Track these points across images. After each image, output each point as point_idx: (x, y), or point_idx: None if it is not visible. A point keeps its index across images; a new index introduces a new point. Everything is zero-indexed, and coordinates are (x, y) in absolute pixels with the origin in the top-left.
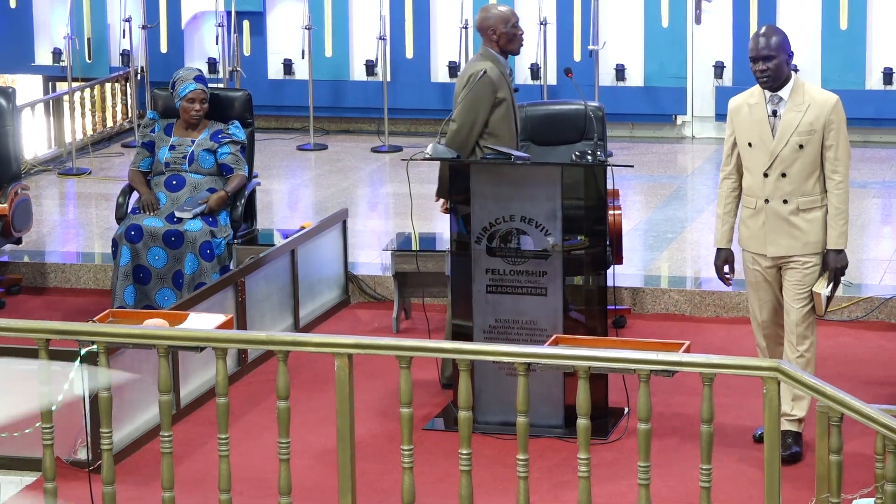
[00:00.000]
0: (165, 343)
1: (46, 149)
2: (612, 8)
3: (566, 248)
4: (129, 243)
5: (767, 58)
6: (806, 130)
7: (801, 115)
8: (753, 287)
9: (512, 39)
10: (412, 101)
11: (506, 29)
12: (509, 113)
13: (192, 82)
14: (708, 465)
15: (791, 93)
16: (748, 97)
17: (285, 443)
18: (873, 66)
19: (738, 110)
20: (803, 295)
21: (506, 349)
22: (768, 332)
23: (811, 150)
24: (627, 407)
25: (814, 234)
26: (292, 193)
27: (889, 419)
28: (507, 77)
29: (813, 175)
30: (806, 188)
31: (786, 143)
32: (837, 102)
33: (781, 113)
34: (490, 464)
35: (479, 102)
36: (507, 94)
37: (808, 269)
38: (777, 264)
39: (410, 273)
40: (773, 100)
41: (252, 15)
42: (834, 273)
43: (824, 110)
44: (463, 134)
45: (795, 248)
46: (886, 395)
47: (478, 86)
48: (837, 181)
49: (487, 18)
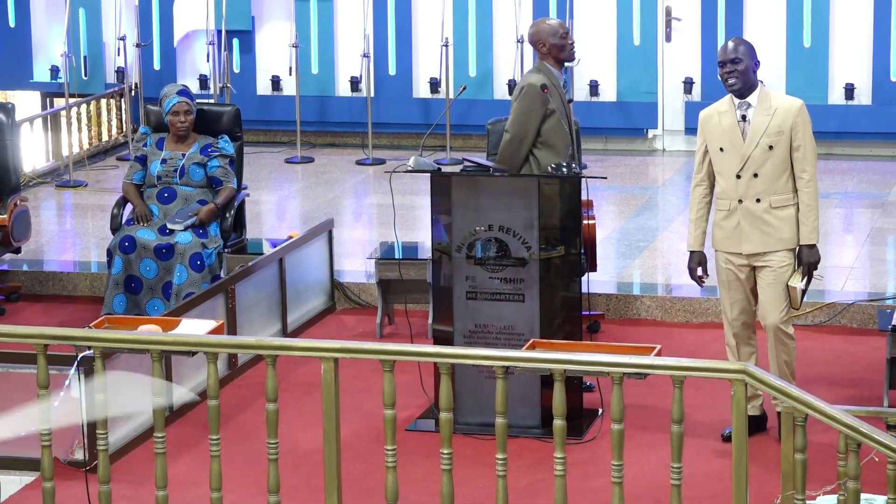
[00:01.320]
0: (159, 348)
1: (44, 162)
2: (586, 27)
3: (543, 256)
4: (123, 253)
5: (735, 60)
6: (775, 132)
7: (770, 119)
8: (726, 286)
9: (562, 49)
10: (395, 116)
11: (555, 41)
12: (561, 123)
13: (175, 96)
14: (678, 463)
15: (759, 99)
16: (717, 107)
17: (274, 443)
18: (835, 82)
19: (708, 119)
20: (779, 293)
21: (485, 353)
22: (737, 330)
23: (780, 151)
24: (601, 408)
25: (786, 231)
26: (280, 204)
27: (851, 419)
28: (558, 88)
29: (783, 175)
30: (777, 187)
31: (756, 145)
32: (802, 106)
33: (750, 117)
34: (470, 463)
35: (529, 114)
36: (559, 105)
37: (782, 267)
38: (750, 263)
39: (394, 280)
40: (741, 106)
41: (241, 33)
42: (807, 267)
43: (790, 113)
44: (515, 144)
45: (769, 244)
46: (848, 397)
47: (527, 98)
48: (806, 180)
49: (537, 32)
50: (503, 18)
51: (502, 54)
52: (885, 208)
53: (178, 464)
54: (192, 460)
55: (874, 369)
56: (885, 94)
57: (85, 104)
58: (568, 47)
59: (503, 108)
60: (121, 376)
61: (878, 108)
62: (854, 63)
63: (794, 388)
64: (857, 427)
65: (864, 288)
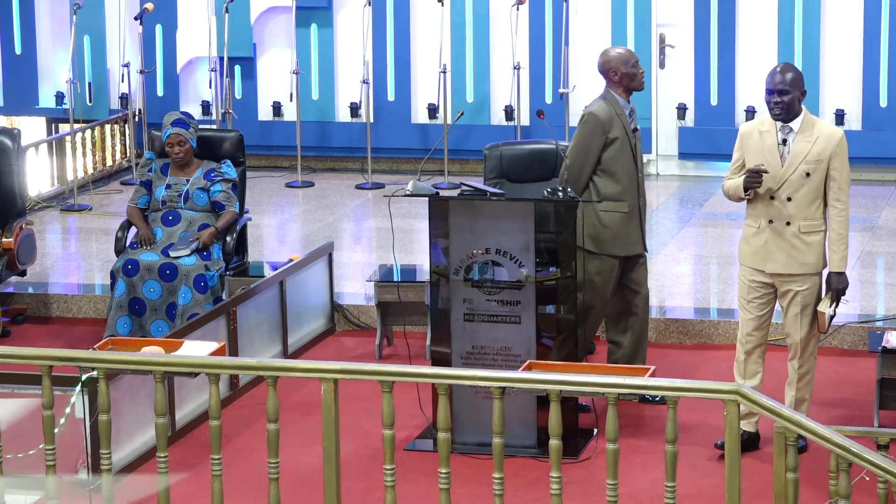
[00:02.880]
0: (161, 369)
1: (49, 186)
2: (581, 53)
3: (539, 279)
4: (126, 276)
5: (783, 92)
6: (814, 160)
7: (811, 146)
8: (745, 301)
9: (633, 78)
10: (394, 141)
11: (626, 70)
12: (624, 151)
13: (169, 128)
14: (672, 482)
15: (802, 124)
16: (759, 125)
17: (274, 463)
18: (826, 108)
19: (748, 135)
20: (805, 313)
21: (482, 374)
22: (749, 348)
23: (816, 179)
24: (597, 428)
25: (811, 256)
26: (281, 228)
27: (842, 439)
28: (622, 117)
29: (816, 201)
30: (809, 212)
31: (794, 170)
32: (843, 137)
33: (791, 142)
34: (467, 482)
35: (587, 141)
36: (621, 133)
37: (805, 290)
38: (773, 282)
39: (392, 302)
40: (783, 129)
41: (243, 60)
42: (836, 293)
43: (831, 143)
44: (574, 171)
45: (792, 267)
46: (839, 417)
47: (588, 126)
48: (840, 209)
49: (608, 61)
50: (500, 45)
51: (499, 80)
52: (875, 232)
53: (181, 483)
54: (194, 480)
55: (865, 390)
56: (875, 119)
57: (89, 129)
58: (639, 76)
59: (500, 133)
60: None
61: (867, 134)
62: (844, 89)
63: (787, 409)
64: (848, 447)
65: (854, 310)
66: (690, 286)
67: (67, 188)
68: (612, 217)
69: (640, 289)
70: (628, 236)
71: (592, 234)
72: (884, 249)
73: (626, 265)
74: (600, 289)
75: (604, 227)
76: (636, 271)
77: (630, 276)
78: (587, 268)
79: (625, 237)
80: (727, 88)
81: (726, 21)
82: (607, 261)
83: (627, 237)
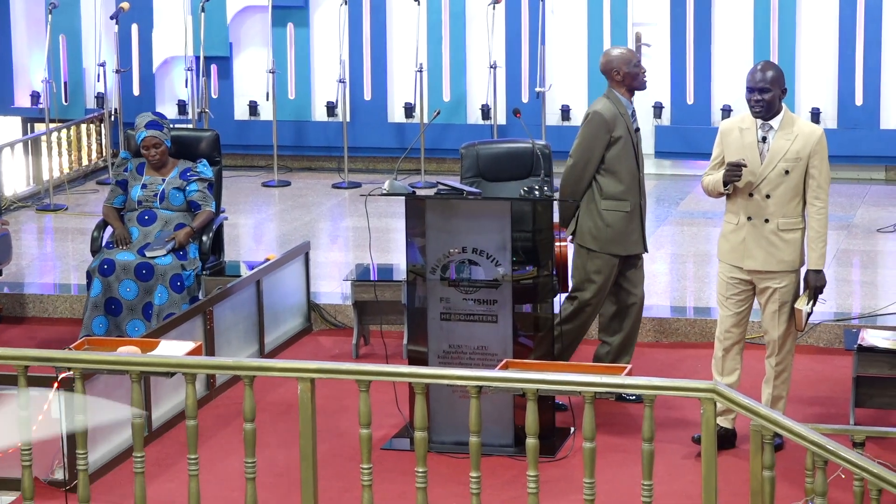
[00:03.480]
0: (138, 369)
1: (25, 186)
2: (557, 52)
3: (515, 278)
4: (102, 276)
5: (763, 90)
6: (793, 158)
7: (790, 144)
8: (723, 298)
9: (635, 77)
10: (370, 141)
11: (629, 69)
12: (627, 150)
13: (143, 130)
14: (649, 481)
15: (781, 122)
16: (739, 122)
17: (251, 462)
18: (802, 107)
19: (728, 132)
20: (782, 311)
21: (459, 373)
22: (726, 345)
23: (795, 176)
24: (573, 427)
25: (789, 254)
26: (257, 227)
27: (818, 437)
28: (625, 116)
29: (795, 199)
30: (787, 210)
31: (773, 168)
32: (822, 135)
33: (771, 140)
34: (444, 481)
35: (592, 140)
36: (624, 133)
37: (784, 288)
38: (751, 279)
39: (369, 302)
40: (763, 127)
41: (219, 60)
42: (814, 291)
43: (811, 141)
44: (578, 170)
45: (771, 264)
46: (816, 415)
47: (592, 125)
48: (819, 207)
49: (610, 61)
50: (476, 45)
51: (475, 80)
52: (851, 230)
53: (157, 483)
54: (171, 479)
55: (841, 388)
56: (851, 118)
57: (65, 129)
58: (641, 75)
59: (476, 132)
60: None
61: (843, 132)
62: (820, 88)
63: (763, 407)
64: (824, 444)
65: (830, 308)
66: (667, 285)
67: (43, 188)
68: (614, 216)
69: (635, 290)
70: (629, 236)
71: (594, 233)
72: (859, 248)
73: (624, 265)
74: (598, 287)
75: (606, 226)
76: (633, 272)
77: (626, 276)
78: (587, 266)
79: (626, 237)
80: (703, 87)
81: (702, 20)
82: (608, 260)
83: (629, 237)
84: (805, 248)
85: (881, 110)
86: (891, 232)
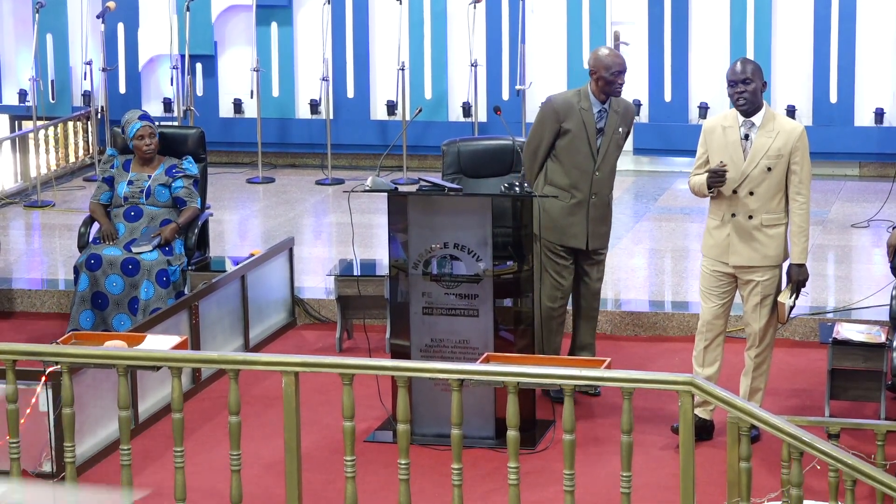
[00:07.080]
0: (124, 363)
1: (13, 183)
2: (537, 50)
3: (496, 273)
4: (89, 271)
5: (746, 81)
6: (774, 155)
7: (771, 141)
8: (706, 291)
9: (610, 85)
10: (353, 138)
11: (606, 75)
12: (578, 146)
13: (137, 121)
14: (628, 472)
15: (763, 119)
16: (722, 120)
17: (236, 455)
18: (777, 104)
19: (712, 131)
20: (764, 304)
21: (441, 366)
22: (709, 336)
23: (777, 173)
24: (554, 419)
25: (772, 249)
26: (242, 223)
27: (794, 429)
28: (584, 112)
29: (777, 195)
30: (770, 206)
31: (755, 165)
32: (803, 132)
33: (753, 137)
34: (427, 473)
35: (539, 124)
36: (576, 128)
37: (767, 281)
38: (735, 274)
39: (352, 296)
40: (745, 124)
41: (204, 58)
42: (797, 285)
43: (791, 137)
44: (529, 150)
45: (755, 260)
46: (791, 407)
47: (542, 111)
48: (801, 202)
49: (593, 62)
50: (458, 43)
51: (457, 77)
52: (826, 226)
53: (144, 475)
54: (158, 472)
55: (816, 380)
56: (825, 115)
57: (52, 126)
58: (616, 85)
59: (458, 129)
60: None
61: (818, 129)
62: (795, 85)
63: (740, 399)
64: (800, 436)
65: (805, 302)
66: (645, 279)
67: (31, 184)
68: (552, 203)
69: (590, 281)
70: (568, 228)
71: (537, 218)
72: (834, 243)
73: (582, 259)
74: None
75: (543, 211)
76: (590, 266)
77: (584, 269)
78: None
79: (564, 228)
80: (681, 85)
81: (679, 19)
82: (547, 245)
83: (567, 228)
84: (788, 243)
85: (855, 108)
86: (865, 227)
